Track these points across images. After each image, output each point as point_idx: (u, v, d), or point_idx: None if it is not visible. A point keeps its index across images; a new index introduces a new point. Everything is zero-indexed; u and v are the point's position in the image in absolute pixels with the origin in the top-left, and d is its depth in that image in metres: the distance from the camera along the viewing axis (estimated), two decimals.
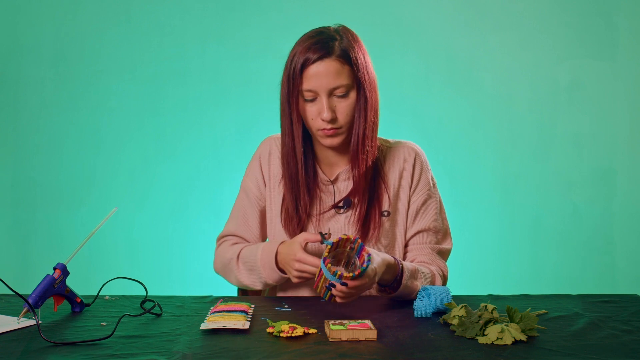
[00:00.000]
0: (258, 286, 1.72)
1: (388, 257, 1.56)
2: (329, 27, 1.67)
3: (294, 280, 1.59)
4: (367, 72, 1.65)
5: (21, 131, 3.19)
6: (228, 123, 3.19)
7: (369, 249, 1.49)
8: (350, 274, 1.41)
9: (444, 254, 1.78)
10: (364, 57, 1.65)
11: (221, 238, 1.83)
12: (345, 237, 1.45)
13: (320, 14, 3.08)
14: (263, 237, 1.81)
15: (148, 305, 1.56)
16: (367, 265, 1.43)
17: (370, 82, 1.66)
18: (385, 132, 1.82)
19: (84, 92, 3.18)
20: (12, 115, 3.19)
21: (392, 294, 1.59)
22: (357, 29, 1.74)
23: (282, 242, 1.64)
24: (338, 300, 1.46)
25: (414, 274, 1.61)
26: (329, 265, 1.42)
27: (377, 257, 1.51)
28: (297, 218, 1.71)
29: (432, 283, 1.67)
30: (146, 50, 3.17)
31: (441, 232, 1.78)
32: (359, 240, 1.46)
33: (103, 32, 3.16)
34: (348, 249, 1.47)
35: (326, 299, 1.47)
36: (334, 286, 1.43)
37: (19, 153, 3.20)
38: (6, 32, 3.16)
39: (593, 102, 3.23)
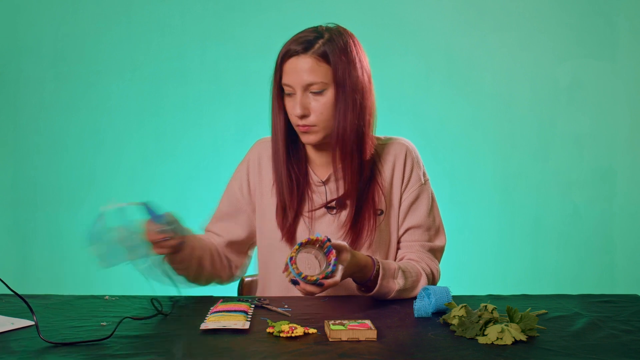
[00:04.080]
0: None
1: (363, 259, 1.56)
2: (322, 25, 1.67)
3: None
4: (351, 73, 1.62)
5: (21, 131, 3.19)
6: (228, 123, 3.19)
7: (343, 244, 1.50)
8: (314, 277, 1.44)
9: (436, 251, 1.77)
10: (349, 58, 1.62)
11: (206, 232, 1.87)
12: (314, 238, 1.47)
13: (321, 14, 3.07)
14: (227, 240, 1.81)
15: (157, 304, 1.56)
16: (332, 270, 1.46)
17: (354, 84, 1.62)
18: (385, 132, 1.82)
19: (84, 92, 3.18)
20: (12, 115, 3.19)
21: (368, 293, 1.61)
22: (358, 29, 1.73)
23: None
24: (302, 293, 1.50)
25: (392, 274, 1.61)
26: (295, 266, 1.44)
27: (349, 257, 1.51)
28: (285, 216, 1.71)
29: (417, 281, 1.66)
30: (146, 50, 3.17)
31: (433, 229, 1.77)
32: (328, 243, 1.47)
33: (103, 32, 3.16)
34: (317, 246, 1.48)
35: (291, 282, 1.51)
36: (298, 283, 1.47)
37: (19, 153, 3.20)
38: (6, 32, 3.16)
39: (593, 102, 3.23)
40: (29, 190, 3.21)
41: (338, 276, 1.47)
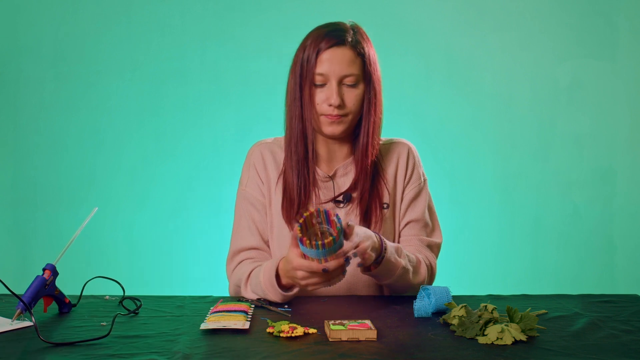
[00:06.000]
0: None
1: (370, 232, 1.55)
2: (342, 22, 1.71)
3: (308, 288, 1.51)
4: (375, 69, 1.69)
5: (21, 131, 3.19)
6: (228, 123, 3.18)
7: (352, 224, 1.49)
8: (331, 238, 1.40)
9: (433, 247, 1.80)
10: (373, 55, 1.70)
11: (234, 256, 1.76)
12: (307, 213, 1.44)
13: (321, 14, 3.06)
14: None
15: (126, 302, 1.58)
16: (341, 224, 1.42)
17: (378, 78, 1.70)
18: (385, 132, 1.83)
19: (84, 92, 3.17)
20: (12, 115, 3.19)
21: (375, 268, 1.59)
22: None
23: (281, 260, 1.56)
24: (325, 279, 1.45)
25: (398, 252, 1.62)
26: (308, 242, 1.40)
27: (360, 229, 1.51)
28: (294, 211, 1.70)
29: (417, 268, 1.68)
30: (146, 50, 3.17)
31: (430, 226, 1.80)
32: (322, 209, 1.45)
33: (103, 32, 3.16)
34: (316, 224, 1.46)
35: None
36: (350, 258, 1.44)
37: (19, 153, 3.20)
38: (6, 32, 3.15)
39: (593, 102, 3.23)
40: (29, 190, 3.21)
41: (356, 228, 1.47)
